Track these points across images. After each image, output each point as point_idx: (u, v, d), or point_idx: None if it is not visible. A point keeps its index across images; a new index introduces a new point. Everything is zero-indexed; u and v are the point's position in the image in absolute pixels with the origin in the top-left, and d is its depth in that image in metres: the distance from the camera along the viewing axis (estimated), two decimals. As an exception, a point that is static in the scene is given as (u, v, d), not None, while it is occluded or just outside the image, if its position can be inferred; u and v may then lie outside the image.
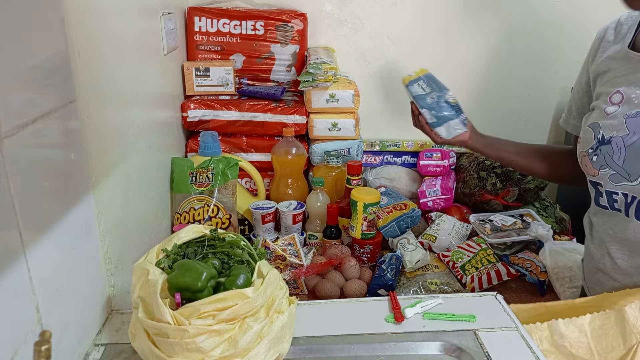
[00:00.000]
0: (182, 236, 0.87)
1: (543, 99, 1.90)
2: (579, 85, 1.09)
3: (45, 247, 0.72)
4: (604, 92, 0.98)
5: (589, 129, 0.98)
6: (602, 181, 0.96)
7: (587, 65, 1.06)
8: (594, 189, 1.00)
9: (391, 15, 1.76)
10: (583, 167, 1.01)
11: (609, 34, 1.01)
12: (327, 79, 1.51)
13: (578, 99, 1.10)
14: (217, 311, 0.74)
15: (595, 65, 1.02)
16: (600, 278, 1.03)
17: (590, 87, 1.05)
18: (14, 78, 0.66)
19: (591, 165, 0.97)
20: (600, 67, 1.01)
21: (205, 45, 1.66)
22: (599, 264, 1.02)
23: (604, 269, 1.01)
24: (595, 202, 1.01)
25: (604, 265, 1.01)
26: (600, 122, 0.96)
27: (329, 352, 0.88)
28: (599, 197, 0.99)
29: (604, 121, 0.95)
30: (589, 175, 1.00)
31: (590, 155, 0.97)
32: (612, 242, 0.98)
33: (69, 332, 0.79)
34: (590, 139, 0.97)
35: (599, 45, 1.03)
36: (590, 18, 1.79)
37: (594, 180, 0.99)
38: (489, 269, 1.36)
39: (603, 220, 1.00)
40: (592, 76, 1.03)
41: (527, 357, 0.85)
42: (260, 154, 1.61)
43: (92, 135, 0.88)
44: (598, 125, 0.96)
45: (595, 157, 0.96)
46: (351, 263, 1.32)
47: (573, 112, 1.13)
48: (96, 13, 0.93)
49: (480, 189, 1.63)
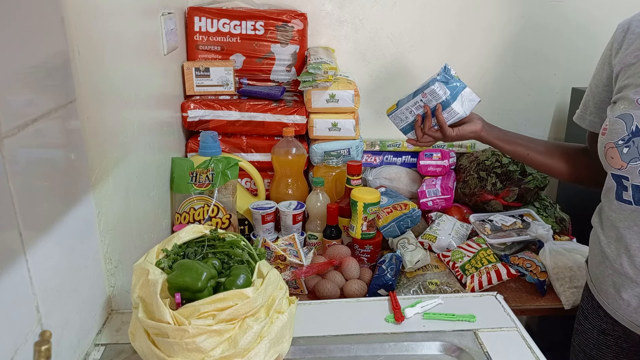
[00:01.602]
0: (182, 236, 0.87)
1: (543, 99, 1.90)
2: (598, 80, 1.06)
3: (45, 247, 0.72)
4: (634, 83, 0.94)
5: (619, 120, 0.93)
6: (630, 174, 0.92)
7: (609, 59, 1.02)
8: (616, 183, 0.96)
9: (391, 15, 1.76)
10: (608, 159, 0.96)
11: (634, 26, 0.98)
12: (327, 79, 1.51)
13: (597, 94, 1.07)
14: (217, 311, 0.74)
15: (621, 58, 0.98)
16: (615, 280, 0.99)
17: (612, 81, 1.01)
18: (14, 78, 0.66)
19: (620, 158, 0.93)
20: (627, 59, 0.97)
21: (205, 45, 1.66)
22: (615, 264, 0.98)
23: (621, 269, 0.97)
24: (617, 197, 0.96)
25: (621, 265, 0.97)
26: (632, 112, 0.91)
27: (329, 352, 0.88)
28: (622, 192, 0.95)
29: (637, 112, 0.91)
30: (613, 169, 0.95)
31: (620, 147, 0.92)
32: (635, 239, 0.94)
33: (69, 332, 0.79)
34: (621, 130, 0.92)
35: (623, 38, 0.99)
36: (590, 18, 1.80)
37: (619, 174, 0.94)
38: (489, 269, 1.36)
39: (624, 216, 0.95)
40: (616, 69, 1.00)
41: (527, 357, 0.85)
42: (260, 154, 1.61)
43: (92, 136, 0.88)
44: (631, 117, 0.92)
45: (627, 149, 0.91)
46: (351, 263, 1.32)
47: (590, 107, 1.09)
48: (96, 13, 0.93)
49: (480, 189, 1.63)
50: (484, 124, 1.22)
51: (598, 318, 1.06)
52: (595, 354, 1.08)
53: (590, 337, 1.09)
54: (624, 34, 1.00)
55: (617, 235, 0.97)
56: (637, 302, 0.95)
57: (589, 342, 1.09)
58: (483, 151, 1.73)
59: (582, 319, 1.11)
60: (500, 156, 1.65)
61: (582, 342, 1.11)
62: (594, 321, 1.07)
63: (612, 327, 1.03)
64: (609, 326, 1.04)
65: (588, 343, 1.09)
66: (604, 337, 1.05)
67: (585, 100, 1.11)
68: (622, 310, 0.99)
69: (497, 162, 1.63)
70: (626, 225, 0.95)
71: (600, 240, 1.02)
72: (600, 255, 1.03)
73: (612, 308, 1.01)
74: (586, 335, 1.10)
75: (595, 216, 1.06)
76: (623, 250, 0.96)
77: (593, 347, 1.08)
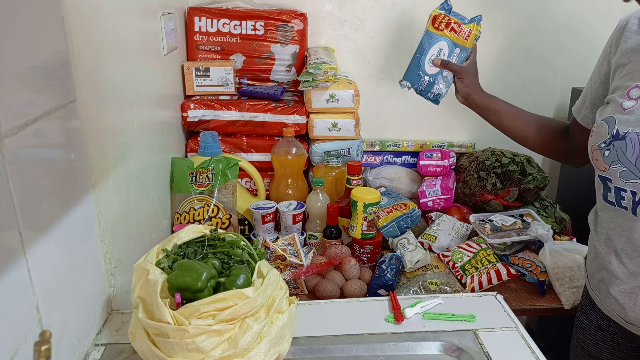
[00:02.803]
0: (182, 236, 0.87)
1: (543, 99, 1.90)
2: (597, 76, 1.06)
3: (45, 247, 0.72)
4: (622, 85, 0.95)
5: (603, 122, 0.95)
6: (612, 177, 0.94)
7: (609, 56, 1.02)
8: (602, 184, 0.98)
9: (391, 15, 1.76)
10: (593, 161, 0.98)
11: (631, 24, 0.98)
12: (327, 79, 1.51)
13: (594, 90, 1.07)
14: (217, 311, 0.74)
15: (617, 57, 0.99)
16: (604, 276, 1.01)
17: (610, 78, 1.02)
18: (14, 78, 0.66)
19: (602, 160, 0.94)
20: (621, 59, 0.98)
21: (205, 45, 1.66)
22: (604, 261, 1.00)
23: (609, 267, 0.99)
24: (604, 198, 0.98)
25: (609, 262, 0.99)
26: (615, 116, 0.93)
27: (329, 352, 0.88)
28: (607, 193, 0.97)
29: (619, 116, 0.92)
30: (599, 170, 0.97)
31: (602, 149, 0.94)
32: (619, 239, 0.96)
33: (69, 332, 0.79)
34: (604, 133, 0.94)
35: (620, 34, 1.00)
36: (591, 18, 1.80)
37: (603, 175, 0.96)
38: (489, 269, 1.36)
39: (610, 217, 0.98)
40: (613, 67, 1.00)
41: (527, 357, 0.85)
42: (260, 154, 1.61)
43: (92, 135, 0.88)
44: (613, 120, 0.93)
45: (608, 152, 0.93)
46: (351, 263, 1.32)
47: (586, 102, 1.10)
48: (96, 13, 0.93)
49: (480, 189, 1.63)
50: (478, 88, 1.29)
51: (595, 314, 1.07)
52: (592, 349, 1.09)
53: (588, 333, 1.10)
54: (621, 30, 1.00)
55: (606, 235, 0.99)
56: (623, 298, 0.97)
57: (587, 337, 1.10)
58: (483, 151, 1.73)
59: (581, 315, 1.13)
60: (500, 156, 1.65)
61: (580, 338, 1.13)
62: (591, 317, 1.09)
63: (608, 322, 1.04)
64: (604, 322, 1.05)
65: (586, 339, 1.11)
66: (601, 333, 1.07)
67: (584, 94, 1.12)
68: (612, 306, 1.01)
69: (497, 162, 1.63)
70: (611, 226, 0.98)
71: (593, 238, 1.05)
72: (593, 252, 1.05)
73: (603, 304, 1.03)
74: (584, 331, 1.11)
75: (591, 214, 1.07)
76: (612, 249, 0.98)
77: (591, 342, 1.09)
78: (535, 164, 1.66)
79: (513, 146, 1.43)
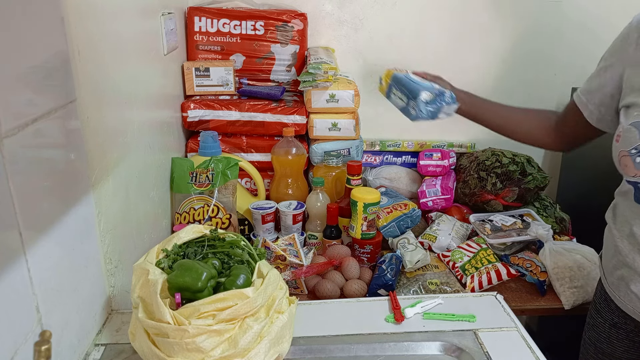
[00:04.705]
0: (182, 236, 0.87)
1: (543, 99, 1.89)
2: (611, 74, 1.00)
3: (45, 247, 0.72)
4: None
5: (632, 127, 0.91)
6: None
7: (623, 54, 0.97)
8: (633, 187, 0.95)
9: (391, 15, 1.76)
10: (622, 167, 0.94)
11: None
12: (327, 79, 1.51)
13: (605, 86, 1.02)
14: (217, 311, 0.74)
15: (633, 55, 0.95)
16: (624, 273, 1.00)
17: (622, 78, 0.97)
18: (14, 78, 0.66)
19: (633, 166, 0.91)
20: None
21: (205, 45, 1.66)
22: (627, 258, 0.99)
23: (632, 264, 0.98)
24: (636, 200, 0.95)
25: (633, 260, 0.97)
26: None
27: (329, 352, 0.88)
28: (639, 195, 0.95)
29: None
30: (628, 176, 0.95)
31: (633, 155, 0.91)
32: None
33: (69, 332, 0.79)
34: (634, 139, 0.90)
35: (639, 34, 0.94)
36: (590, 17, 1.80)
37: (633, 180, 0.93)
38: (489, 269, 1.36)
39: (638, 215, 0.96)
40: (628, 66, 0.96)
41: (527, 357, 0.85)
42: (260, 154, 1.61)
43: (92, 135, 0.88)
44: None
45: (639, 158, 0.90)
46: (351, 263, 1.32)
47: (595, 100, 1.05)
48: (96, 13, 0.93)
49: (480, 189, 1.63)
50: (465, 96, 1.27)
51: (610, 311, 1.07)
52: (605, 347, 1.09)
53: (602, 331, 1.09)
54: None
55: (630, 232, 0.98)
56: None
57: (601, 335, 1.10)
58: (483, 151, 1.73)
59: (594, 312, 1.12)
60: (500, 156, 1.65)
61: (593, 336, 1.12)
62: (605, 315, 1.08)
63: (624, 320, 1.04)
64: (620, 319, 1.04)
65: (599, 337, 1.10)
66: (615, 331, 1.06)
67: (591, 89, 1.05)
68: (632, 303, 1.00)
69: (497, 162, 1.63)
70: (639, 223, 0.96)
71: (614, 235, 1.03)
72: (613, 248, 1.03)
73: (622, 301, 1.02)
74: (598, 329, 1.10)
75: (609, 212, 1.06)
76: (637, 247, 0.97)
77: (604, 340, 1.09)
78: (535, 164, 1.66)
79: (513, 146, 1.43)
